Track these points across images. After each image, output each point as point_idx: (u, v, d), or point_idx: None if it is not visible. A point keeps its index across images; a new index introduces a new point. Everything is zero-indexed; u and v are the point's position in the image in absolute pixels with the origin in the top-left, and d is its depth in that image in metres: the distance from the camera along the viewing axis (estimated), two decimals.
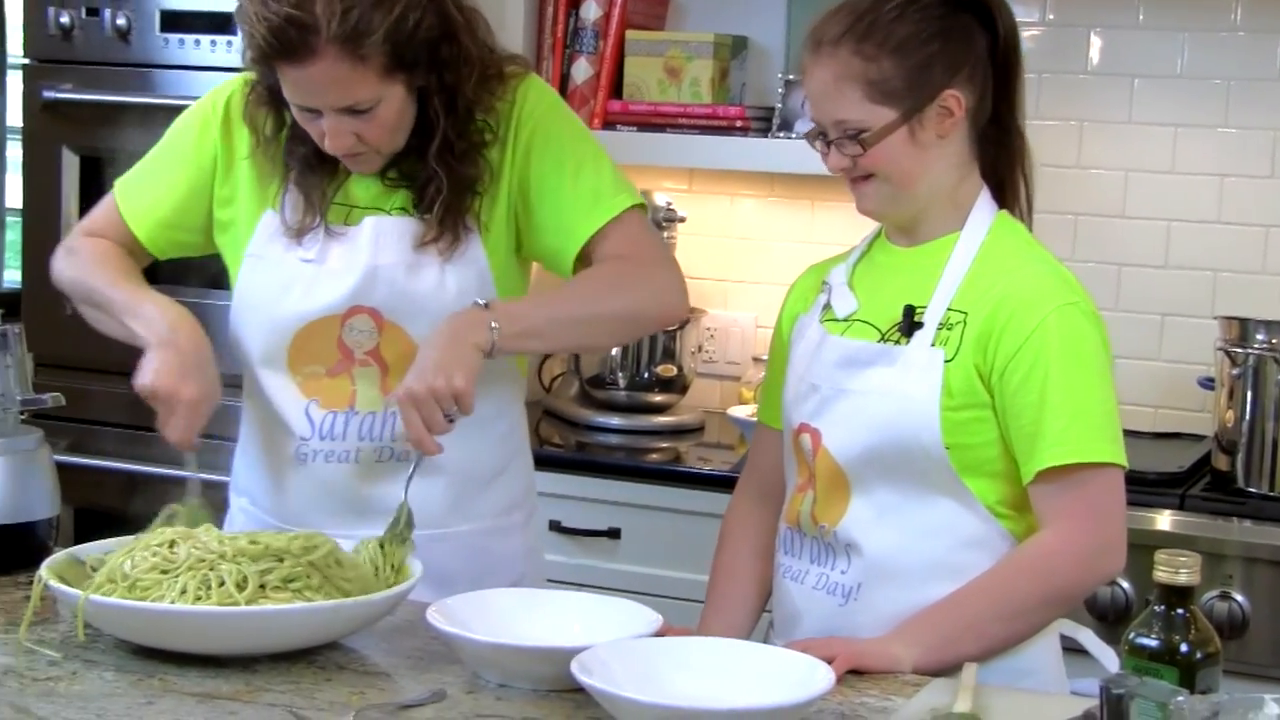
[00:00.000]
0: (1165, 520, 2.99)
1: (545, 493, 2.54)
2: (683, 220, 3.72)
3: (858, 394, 2.10)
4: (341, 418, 2.29)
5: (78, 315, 2.42)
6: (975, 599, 2.04)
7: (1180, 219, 3.57)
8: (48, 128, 3.69)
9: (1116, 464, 2.05)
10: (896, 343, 2.10)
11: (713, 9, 3.84)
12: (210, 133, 2.36)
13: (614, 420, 3.63)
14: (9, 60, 4.36)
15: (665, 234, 3.68)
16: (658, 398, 3.69)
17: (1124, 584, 2.94)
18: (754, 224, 3.88)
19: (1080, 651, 2.12)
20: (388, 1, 2.11)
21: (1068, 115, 3.61)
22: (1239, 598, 2.92)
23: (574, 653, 1.79)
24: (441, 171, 2.24)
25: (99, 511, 3.35)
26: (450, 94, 2.23)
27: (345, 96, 2.15)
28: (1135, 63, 3.57)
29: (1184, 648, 1.72)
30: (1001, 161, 2.18)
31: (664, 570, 3.25)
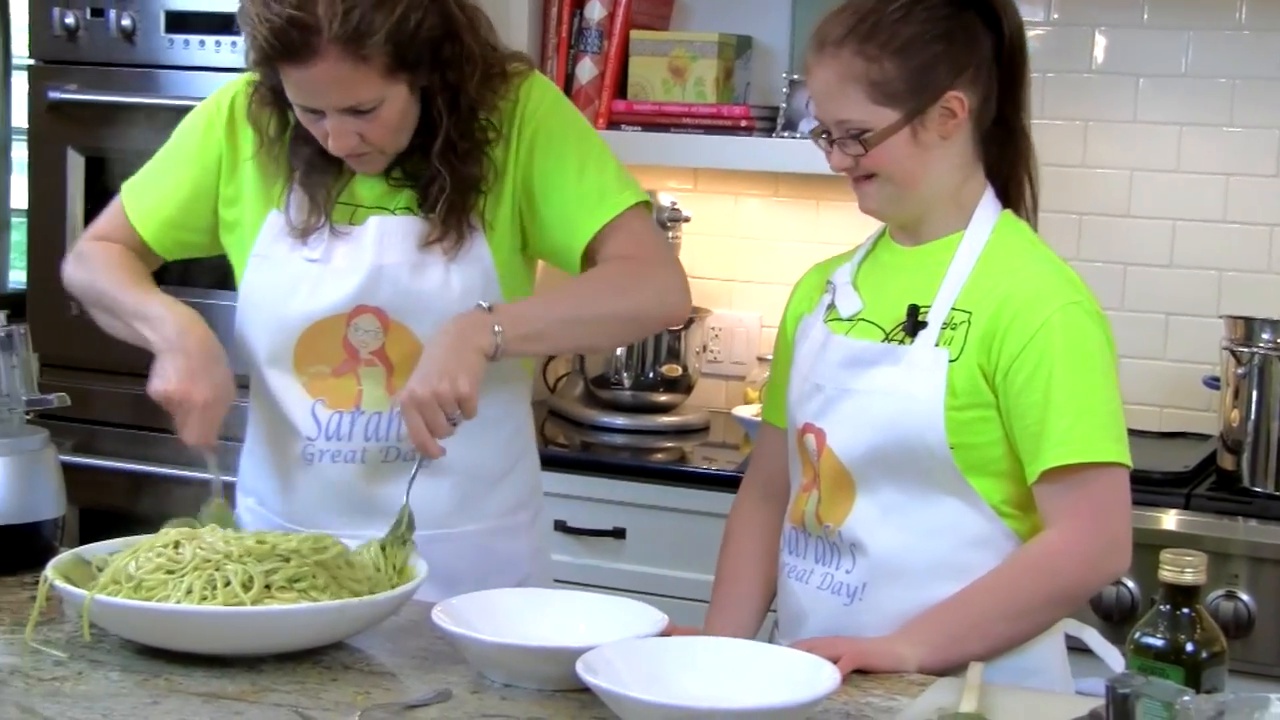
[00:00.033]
0: (1171, 520, 2.99)
1: (550, 493, 2.54)
2: (687, 220, 3.72)
3: (862, 394, 2.10)
4: (348, 418, 2.29)
5: (83, 316, 2.42)
6: (980, 598, 2.04)
7: (1185, 218, 3.56)
8: (53, 128, 3.69)
9: (1121, 463, 2.04)
10: (901, 342, 2.10)
11: (717, 9, 3.84)
12: (215, 132, 2.36)
13: (619, 420, 3.63)
14: (14, 61, 4.36)
15: (670, 234, 3.67)
16: (663, 398, 3.69)
17: (1129, 583, 2.94)
18: (759, 224, 3.87)
19: (1084, 651, 2.12)
20: (389, 1, 2.11)
21: (1072, 114, 3.60)
22: (1244, 597, 2.92)
23: (579, 653, 1.79)
24: (445, 170, 2.24)
25: (104, 511, 3.35)
26: (453, 93, 2.23)
27: (348, 97, 2.15)
28: (1140, 62, 3.56)
29: (1189, 647, 1.72)
30: (1006, 162, 2.18)
31: (669, 570, 3.25)
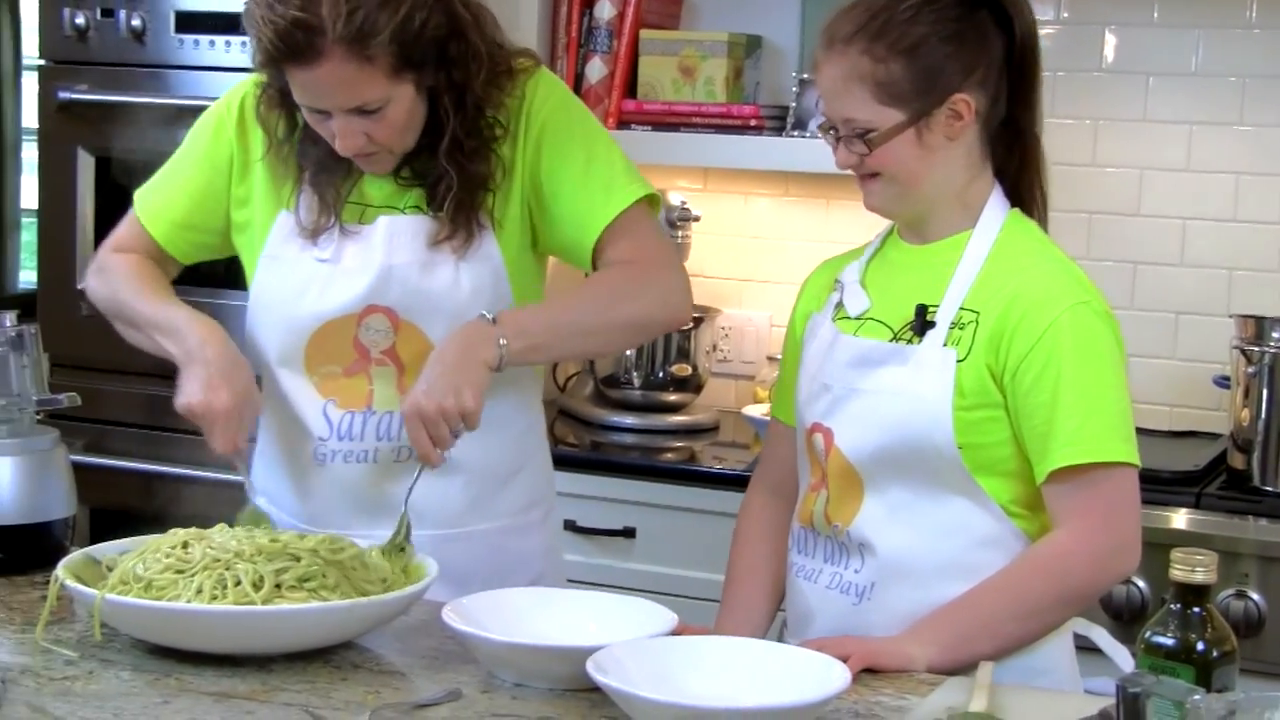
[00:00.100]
0: (1181, 519, 2.99)
1: (560, 492, 2.54)
2: (697, 219, 3.72)
3: (870, 394, 2.10)
4: (359, 417, 2.29)
5: (93, 315, 2.42)
6: (990, 598, 2.04)
7: (1195, 217, 3.56)
8: (63, 129, 3.69)
9: (1130, 463, 2.04)
10: (909, 342, 2.10)
11: (727, 8, 3.84)
12: (225, 133, 2.37)
13: (629, 420, 3.63)
14: (24, 61, 4.37)
15: (680, 233, 3.67)
16: (672, 397, 3.69)
17: (1139, 583, 2.94)
18: (769, 223, 3.87)
19: (1093, 650, 2.12)
20: (394, 1, 2.11)
21: (1082, 113, 3.60)
22: (1255, 596, 2.91)
23: (589, 652, 1.79)
24: (452, 169, 2.24)
25: (115, 511, 3.35)
26: (459, 92, 2.23)
27: (354, 97, 2.15)
28: (1150, 60, 3.56)
29: (1200, 646, 1.72)
30: (1014, 165, 2.17)
31: (679, 569, 3.25)
